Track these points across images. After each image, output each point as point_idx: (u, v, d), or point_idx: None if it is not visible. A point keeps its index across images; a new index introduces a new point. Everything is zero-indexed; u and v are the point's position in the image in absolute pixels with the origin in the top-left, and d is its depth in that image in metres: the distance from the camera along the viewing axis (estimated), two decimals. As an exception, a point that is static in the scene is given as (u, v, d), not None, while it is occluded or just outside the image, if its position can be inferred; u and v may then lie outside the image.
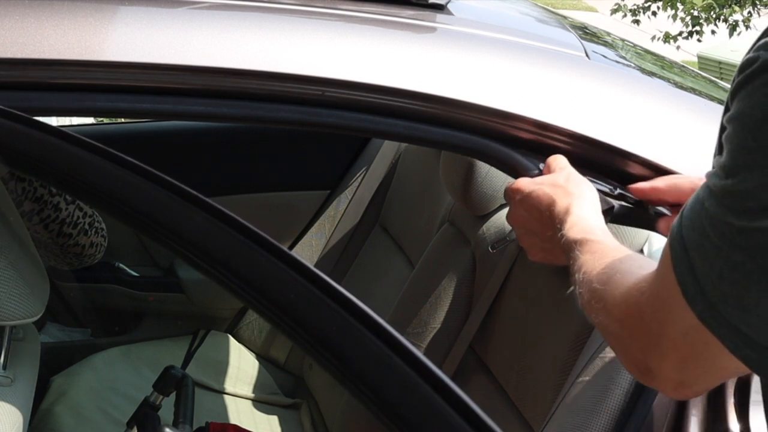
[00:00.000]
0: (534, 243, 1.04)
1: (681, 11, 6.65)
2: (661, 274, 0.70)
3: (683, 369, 0.71)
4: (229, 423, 1.86)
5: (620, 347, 0.79)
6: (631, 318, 0.74)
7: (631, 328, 0.75)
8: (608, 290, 0.80)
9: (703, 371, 0.72)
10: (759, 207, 0.58)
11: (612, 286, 0.80)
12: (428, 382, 0.69)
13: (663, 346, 0.71)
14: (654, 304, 0.71)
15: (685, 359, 0.70)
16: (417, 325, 1.74)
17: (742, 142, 0.59)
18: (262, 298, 0.75)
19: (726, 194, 0.61)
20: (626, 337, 0.76)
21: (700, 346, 0.67)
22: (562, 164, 1.06)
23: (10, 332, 1.16)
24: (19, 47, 1.00)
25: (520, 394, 1.48)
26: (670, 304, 0.68)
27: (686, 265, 0.65)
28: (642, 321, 0.73)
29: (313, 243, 2.27)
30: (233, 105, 1.06)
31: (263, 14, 1.15)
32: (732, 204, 0.60)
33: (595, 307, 0.82)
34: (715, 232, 0.62)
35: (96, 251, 1.59)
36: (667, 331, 0.69)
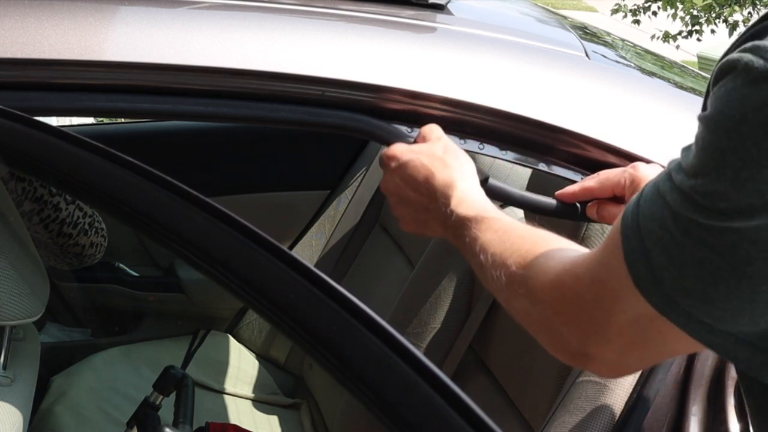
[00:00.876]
0: (408, 213, 1.01)
1: (681, 11, 6.65)
2: (604, 260, 0.69)
3: (627, 353, 0.70)
4: (229, 423, 1.86)
5: (548, 332, 0.77)
6: (567, 304, 0.72)
7: (565, 314, 0.73)
8: (532, 275, 0.77)
9: (650, 354, 0.72)
10: (731, 208, 0.57)
11: (536, 271, 0.77)
12: (428, 382, 0.69)
13: (607, 333, 0.69)
14: (597, 291, 0.69)
15: (631, 344, 0.69)
16: (417, 325, 1.74)
17: (715, 141, 0.58)
18: (262, 298, 0.75)
19: (694, 192, 0.60)
20: (559, 324, 0.74)
21: (652, 333, 0.67)
22: (438, 134, 1.03)
23: (10, 332, 1.16)
24: (19, 47, 1.00)
25: (520, 394, 1.48)
26: (618, 292, 0.67)
27: (641, 256, 0.64)
28: (581, 308, 0.71)
29: (313, 243, 2.27)
30: (233, 105, 1.06)
31: (263, 14, 1.15)
32: (701, 203, 0.59)
33: (517, 292, 0.80)
34: (678, 227, 0.61)
35: (96, 251, 1.59)
36: (613, 319, 0.68)
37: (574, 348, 0.73)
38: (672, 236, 0.61)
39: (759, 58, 0.56)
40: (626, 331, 0.68)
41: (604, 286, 0.68)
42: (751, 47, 0.58)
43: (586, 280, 0.71)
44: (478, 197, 0.94)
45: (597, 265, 0.70)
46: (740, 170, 0.57)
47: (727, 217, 0.58)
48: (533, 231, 0.86)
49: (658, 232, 0.62)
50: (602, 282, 0.69)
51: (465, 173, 0.97)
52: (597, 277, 0.70)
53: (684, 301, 0.62)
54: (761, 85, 0.56)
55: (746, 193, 0.57)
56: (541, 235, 0.84)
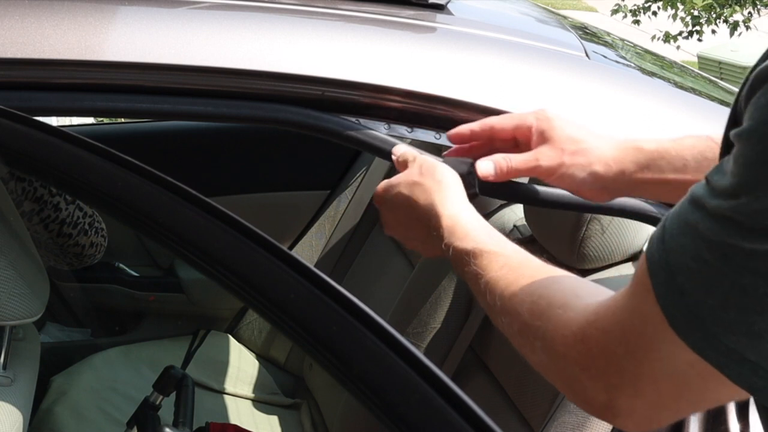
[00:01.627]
0: (416, 246, 0.98)
1: (681, 11, 6.65)
2: (633, 307, 0.64)
3: (660, 406, 0.65)
4: (229, 423, 1.86)
5: (569, 385, 0.71)
6: (593, 359, 0.67)
7: (592, 369, 0.67)
8: (550, 328, 0.72)
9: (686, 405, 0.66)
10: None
11: (554, 324, 0.71)
12: (428, 382, 0.69)
13: (639, 385, 0.64)
14: (628, 343, 0.64)
15: (666, 396, 0.64)
16: (417, 325, 1.74)
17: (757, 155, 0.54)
18: (262, 298, 0.75)
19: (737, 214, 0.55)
20: (585, 379, 0.68)
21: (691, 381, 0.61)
22: (410, 155, 0.99)
23: (10, 332, 1.16)
24: (19, 47, 1.00)
25: (520, 394, 1.48)
26: (652, 340, 0.62)
27: (675, 294, 0.59)
28: (610, 362, 0.66)
29: (313, 243, 2.27)
30: (233, 105, 1.06)
31: (263, 14, 1.15)
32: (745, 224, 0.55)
33: (533, 344, 0.74)
34: (716, 255, 0.56)
35: (96, 251, 1.59)
36: (646, 370, 0.63)
37: (600, 402, 0.68)
38: (709, 267, 0.56)
39: None
40: (661, 381, 0.63)
41: (637, 336, 0.63)
42: None
43: (616, 333, 0.65)
44: (468, 222, 0.89)
45: (626, 313, 0.65)
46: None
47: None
48: (541, 269, 0.80)
49: (693, 265, 0.58)
50: (633, 332, 0.64)
51: (447, 193, 0.92)
52: (627, 327, 0.64)
53: (726, 336, 0.56)
54: None
55: None
56: (551, 276, 0.78)
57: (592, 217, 1.41)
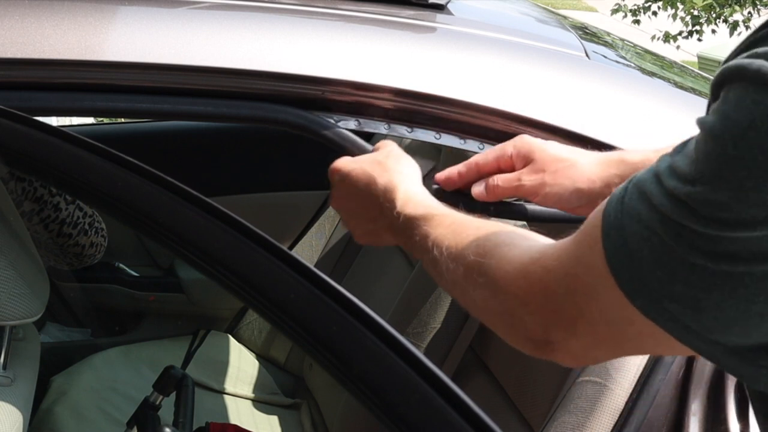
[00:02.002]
0: (357, 224, 0.99)
1: (681, 11, 6.65)
2: (580, 255, 0.66)
3: (596, 348, 0.68)
4: (229, 423, 1.86)
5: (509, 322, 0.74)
6: (534, 295, 0.69)
7: (532, 304, 0.70)
8: (494, 264, 0.74)
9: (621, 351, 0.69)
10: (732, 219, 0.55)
11: (498, 259, 0.74)
12: (428, 382, 0.69)
13: (577, 327, 0.67)
14: (569, 285, 0.66)
15: (602, 341, 0.67)
16: (417, 325, 1.74)
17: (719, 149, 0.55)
18: (262, 298, 0.75)
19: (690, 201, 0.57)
20: (524, 313, 0.71)
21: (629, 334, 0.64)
22: (386, 144, 1.02)
23: (10, 332, 1.16)
24: (19, 47, 1.00)
25: (520, 394, 1.48)
26: (594, 290, 0.64)
27: (624, 257, 0.61)
28: (549, 299, 0.68)
29: (313, 243, 2.27)
30: (233, 105, 1.06)
31: (263, 14, 1.15)
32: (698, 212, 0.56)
33: (476, 281, 0.76)
34: (669, 232, 0.58)
35: (96, 251, 1.59)
36: (585, 314, 0.65)
37: (537, 336, 0.70)
38: (661, 240, 0.59)
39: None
40: (600, 328, 0.66)
41: (579, 282, 0.66)
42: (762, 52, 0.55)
43: (558, 273, 0.67)
44: (423, 196, 0.91)
45: (571, 259, 0.67)
46: (745, 180, 0.54)
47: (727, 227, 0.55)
48: (488, 222, 0.82)
49: (645, 234, 0.60)
50: (576, 277, 0.66)
51: (407, 176, 0.94)
52: (570, 272, 0.67)
53: (672, 306, 0.59)
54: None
55: (750, 204, 0.54)
56: (497, 225, 0.81)
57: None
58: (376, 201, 0.94)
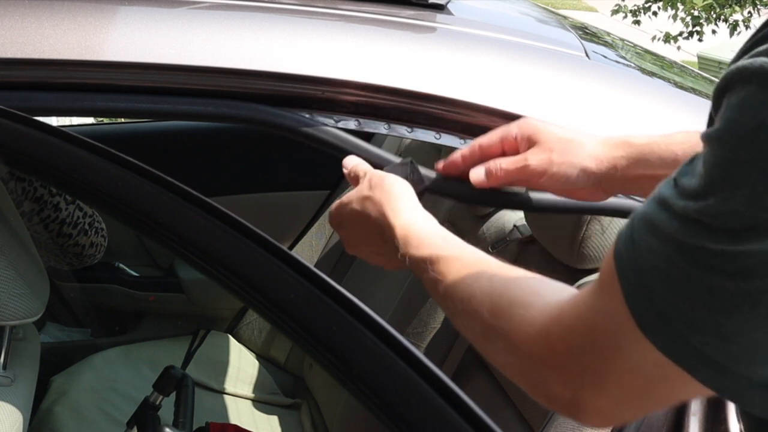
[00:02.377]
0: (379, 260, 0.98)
1: (681, 11, 6.65)
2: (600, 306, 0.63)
3: (625, 404, 0.65)
4: (229, 423, 1.86)
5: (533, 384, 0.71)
6: (558, 357, 0.66)
7: (556, 366, 0.67)
8: (512, 328, 0.71)
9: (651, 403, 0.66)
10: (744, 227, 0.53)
11: (516, 322, 0.71)
12: (428, 382, 0.69)
13: (604, 383, 0.64)
14: (593, 341, 0.63)
15: (631, 395, 0.63)
16: (417, 325, 1.74)
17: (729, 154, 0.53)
18: (262, 298, 0.75)
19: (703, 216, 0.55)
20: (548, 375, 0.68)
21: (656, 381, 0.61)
22: (360, 169, 1.00)
23: (10, 332, 1.16)
24: (19, 47, 1.00)
25: (520, 394, 1.48)
26: (619, 339, 0.61)
27: (643, 295, 0.58)
28: (574, 358, 0.65)
29: (313, 243, 2.27)
30: (233, 105, 1.06)
31: (263, 14, 1.15)
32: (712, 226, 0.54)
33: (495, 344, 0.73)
34: (684, 257, 0.55)
35: (96, 251, 1.59)
36: (612, 368, 0.63)
37: (565, 399, 0.67)
38: (677, 268, 0.56)
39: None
40: (626, 380, 0.63)
41: (603, 335, 0.63)
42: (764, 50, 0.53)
43: (580, 330, 0.65)
44: (423, 228, 0.88)
45: (591, 312, 0.64)
46: (757, 183, 0.52)
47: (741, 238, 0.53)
48: (500, 270, 0.78)
49: (661, 266, 0.57)
50: (599, 330, 0.63)
51: (397, 203, 0.92)
52: (593, 326, 0.64)
53: (695, 337, 0.56)
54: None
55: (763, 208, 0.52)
56: (510, 275, 0.77)
57: (592, 217, 1.41)
58: (378, 238, 0.92)
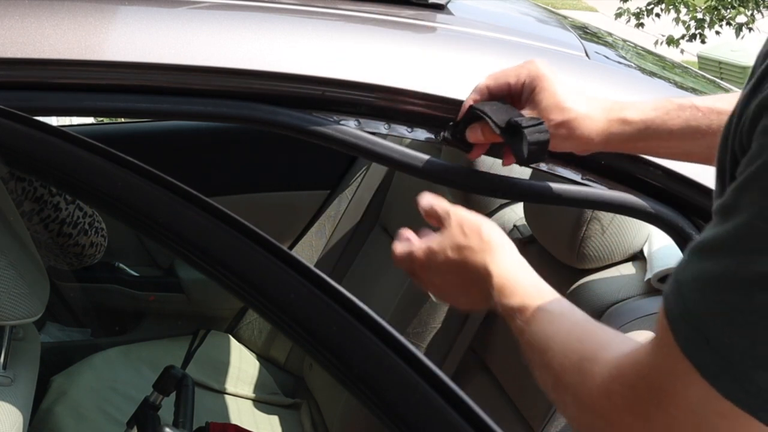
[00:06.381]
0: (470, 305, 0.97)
1: (684, 14, 6.63)
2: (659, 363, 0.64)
3: None
4: (229, 423, 1.86)
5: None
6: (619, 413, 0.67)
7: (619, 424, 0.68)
8: (577, 381, 0.73)
9: None
10: None
11: (582, 377, 0.72)
12: (428, 382, 0.69)
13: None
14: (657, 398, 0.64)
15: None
16: (417, 325, 1.74)
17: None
18: (262, 298, 0.75)
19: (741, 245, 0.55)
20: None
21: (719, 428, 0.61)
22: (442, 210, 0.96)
23: (10, 332, 1.16)
24: (19, 47, 1.00)
25: (520, 394, 1.48)
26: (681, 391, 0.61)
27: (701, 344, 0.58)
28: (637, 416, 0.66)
29: (313, 243, 2.27)
30: (233, 105, 1.06)
31: (263, 14, 1.15)
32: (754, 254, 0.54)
33: (563, 398, 0.76)
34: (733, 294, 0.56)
35: (96, 251, 1.59)
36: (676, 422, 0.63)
37: None
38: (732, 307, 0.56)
39: None
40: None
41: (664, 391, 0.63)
42: None
43: (641, 388, 0.65)
44: (516, 279, 0.88)
45: (651, 370, 0.64)
46: None
47: None
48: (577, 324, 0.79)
49: (715, 309, 0.57)
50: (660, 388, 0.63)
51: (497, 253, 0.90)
52: (653, 384, 0.64)
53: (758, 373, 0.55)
54: None
55: None
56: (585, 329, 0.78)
57: (592, 217, 1.41)
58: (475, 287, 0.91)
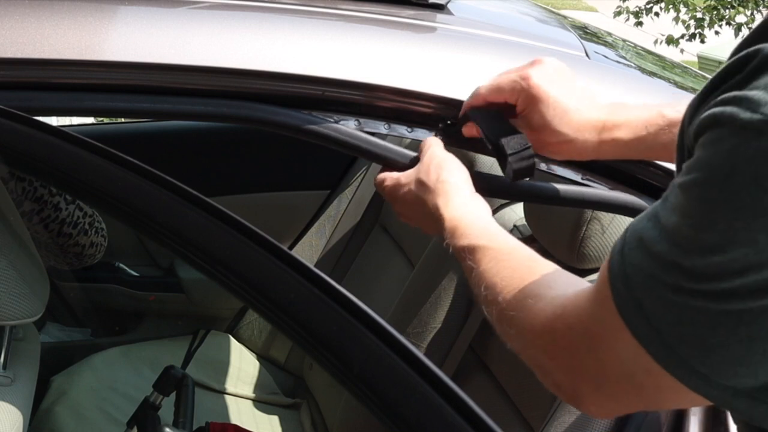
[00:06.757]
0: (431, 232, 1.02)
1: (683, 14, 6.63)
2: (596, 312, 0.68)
3: (620, 401, 0.70)
4: (229, 423, 1.86)
5: (540, 371, 0.76)
6: (559, 351, 0.72)
7: (558, 359, 0.72)
8: (522, 317, 0.77)
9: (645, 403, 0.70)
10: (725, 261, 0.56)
11: (525, 313, 0.77)
12: (428, 382, 0.69)
13: (600, 381, 0.69)
14: (589, 342, 0.68)
15: (625, 394, 0.68)
16: (417, 325, 1.74)
17: (706, 193, 0.58)
18: (262, 298, 0.75)
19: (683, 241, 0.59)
20: (552, 368, 0.74)
21: (648, 385, 0.65)
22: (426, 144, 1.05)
23: (10, 332, 1.16)
24: (19, 47, 1.00)
25: (520, 394, 1.48)
26: (613, 344, 0.66)
27: (634, 306, 0.63)
28: (573, 355, 0.70)
29: (313, 243, 2.27)
30: (233, 105, 1.06)
31: (263, 14, 1.15)
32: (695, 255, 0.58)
33: (508, 332, 0.80)
34: (669, 275, 0.60)
35: (96, 251, 1.59)
36: (607, 369, 0.67)
37: (566, 389, 0.73)
38: (664, 284, 0.60)
39: (744, 110, 0.55)
40: (621, 381, 0.67)
41: (597, 338, 0.68)
42: (732, 99, 0.57)
43: (579, 330, 0.70)
44: (468, 219, 0.93)
45: (588, 317, 0.69)
46: (734, 220, 0.56)
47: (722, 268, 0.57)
48: (523, 262, 0.84)
49: (648, 282, 0.61)
50: (595, 334, 0.68)
51: (450, 195, 0.97)
52: (589, 329, 0.69)
53: (682, 349, 0.60)
54: (749, 136, 0.55)
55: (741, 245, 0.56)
56: (530, 266, 0.82)
57: (592, 217, 1.41)
58: (431, 222, 0.98)
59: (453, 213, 0.95)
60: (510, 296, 0.80)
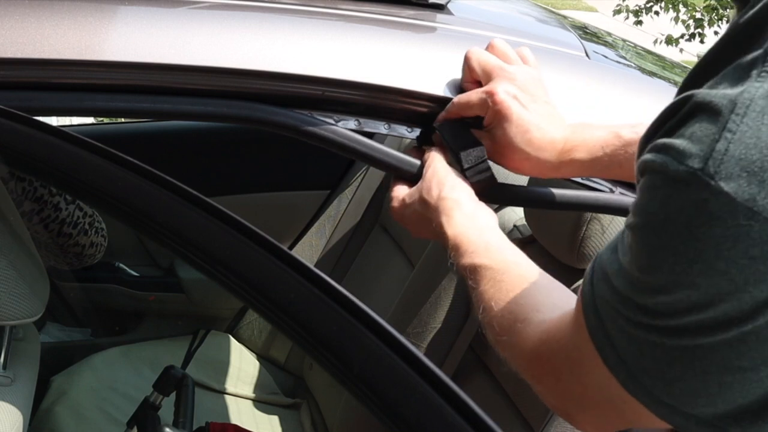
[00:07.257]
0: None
1: (683, 13, 6.63)
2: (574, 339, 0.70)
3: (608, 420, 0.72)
4: (229, 423, 1.86)
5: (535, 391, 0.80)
6: (545, 376, 0.76)
7: (545, 384, 0.76)
8: (513, 343, 0.80)
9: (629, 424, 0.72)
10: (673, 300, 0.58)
11: (516, 338, 0.80)
12: (428, 382, 0.69)
13: (584, 404, 0.72)
14: (571, 367, 0.72)
15: (607, 416, 0.71)
16: (417, 325, 1.74)
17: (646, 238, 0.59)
18: (262, 298, 0.75)
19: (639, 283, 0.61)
20: (542, 391, 0.77)
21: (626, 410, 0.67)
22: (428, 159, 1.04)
23: (10, 332, 1.16)
24: (19, 47, 1.00)
25: (520, 394, 1.48)
26: (591, 369, 0.68)
27: (603, 336, 0.65)
28: (559, 379, 0.74)
29: (313, 243, 2.27)
30: (233, 105, 1.06)
31: (263, 14, 1.15)
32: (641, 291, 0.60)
33: (503, 354, 0.83)
34: (627, 310, 0.62)
35: (96, 251, 1.59)
36: (588, 393, 0.70)
37: (558, 408, 0.77)
38: (624, 318, 0.62)
39: (672, 160, 0.57)
40: (602, 404, 0.70)
41: (578, 364, 0.70)
42: (662, 146, 0.58)
43: (561, 356, 0.73)
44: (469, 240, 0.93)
45: (568, 342, 0.72)
46: (674, 264, 0.57)
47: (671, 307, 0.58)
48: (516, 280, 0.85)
49: (611, 313, 0.64)
50: (575, 360, 0.71)
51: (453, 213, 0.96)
52: (570, 356, 0.71)
53: (646, 380, 0.62)
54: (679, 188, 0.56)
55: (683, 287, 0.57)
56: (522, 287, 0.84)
57: (592, 217, 1.41)
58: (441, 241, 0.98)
59: (454, 230, 0.95)
60: (502, 320, 0.82)
